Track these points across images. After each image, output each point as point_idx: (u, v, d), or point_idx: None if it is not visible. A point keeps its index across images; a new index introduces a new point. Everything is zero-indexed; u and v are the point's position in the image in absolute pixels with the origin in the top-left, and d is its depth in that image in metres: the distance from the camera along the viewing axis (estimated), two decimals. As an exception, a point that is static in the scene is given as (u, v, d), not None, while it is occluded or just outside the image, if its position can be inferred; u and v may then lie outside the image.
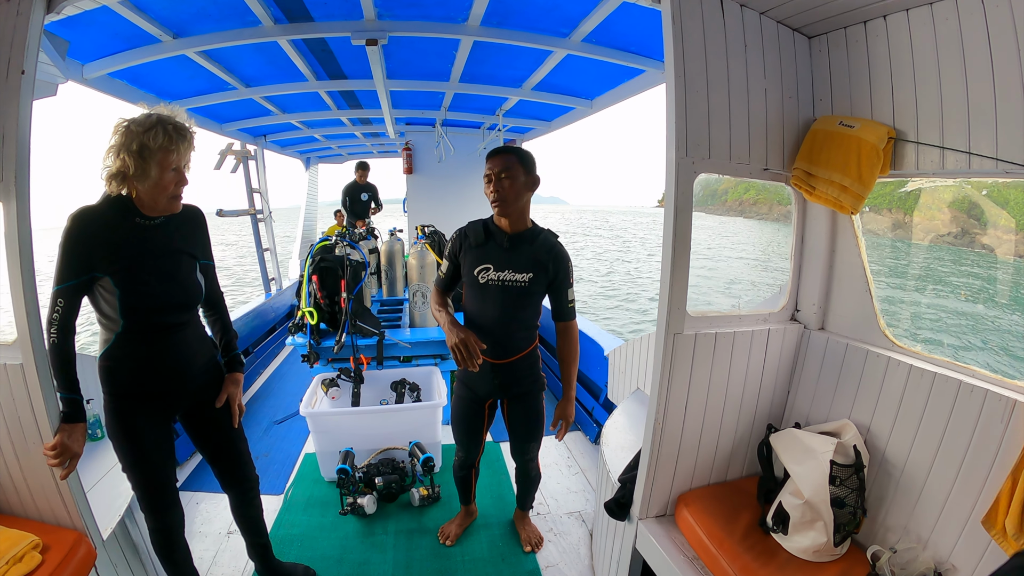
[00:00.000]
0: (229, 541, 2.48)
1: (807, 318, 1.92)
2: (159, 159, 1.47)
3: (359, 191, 6.84)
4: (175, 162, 1.51)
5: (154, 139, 1.45)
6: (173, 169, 1.52)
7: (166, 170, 1.50)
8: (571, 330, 2.07)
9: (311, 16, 2.51)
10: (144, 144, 1.45)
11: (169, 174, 1.51)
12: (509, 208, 1.90)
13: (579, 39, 2.70)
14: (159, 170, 1.48)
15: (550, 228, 2.05)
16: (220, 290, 1.89)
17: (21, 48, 1.45)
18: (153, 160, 1.47)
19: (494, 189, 1.88)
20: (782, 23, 1.70)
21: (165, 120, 1.49)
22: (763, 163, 1.72)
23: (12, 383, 1.54)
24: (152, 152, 1.46)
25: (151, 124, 1.46)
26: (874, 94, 1.61)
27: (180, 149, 1.51)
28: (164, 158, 1.48)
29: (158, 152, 1.46)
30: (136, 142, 1.44)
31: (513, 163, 1.88)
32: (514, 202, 1.89)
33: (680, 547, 1.70)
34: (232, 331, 1.91)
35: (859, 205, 1.60)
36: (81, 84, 2.74)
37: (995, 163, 1.32)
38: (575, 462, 3.25)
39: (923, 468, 1.49)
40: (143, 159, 1.46)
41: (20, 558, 1.46)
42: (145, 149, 1.45)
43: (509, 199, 1.88)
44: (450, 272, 2.06)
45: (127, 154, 1.44)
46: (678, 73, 1.52)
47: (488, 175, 1.90)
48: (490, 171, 1.89)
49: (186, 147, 1.53)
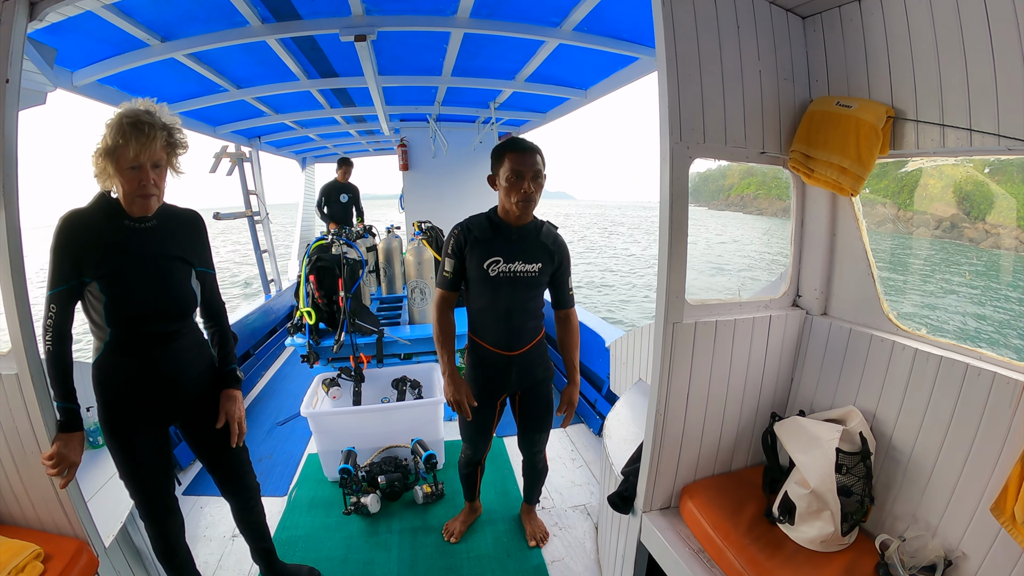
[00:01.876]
0: (234, 545, 2.47)
1: (809, 303, 1.89)
2: (117, 155, 1.42)
3: (338, 191, 6.18)
4: (132, 159, 1.42)
5: (111, 135, 1.41)
6: (132, 167, 1.43)
7: (123, 168, 1.43)
8: (572, 317, 2.15)
9: (298, 14, 2.49)
10: (108, 141, 1.41)
11: (129, 173, 1.43)
12: (534, 207, 1.92)
13: (570, 28, 2.67)
14: (116, 168, 1.43)
15: (549, 220, 2.06)
16: (221, 300, 1.82)
17: (4, 57, 1.42)
18: (112, 157, 1.42)
19: (525, 190, 1.85)
20: (774, 3, 1.66)
21: (124, 114, 1.43)
22: (760, 146, 1.68)
23: (8, 393, 1.53)
24: (111, 149, 1.42)
25: (113, 121, 1.42)
26: (871, 73, 1.57)
27: (135, 144, 1.40)
28: (121, 155, 1.42)
29: (115, 149, 1.41)
30: (103, 140, 1.42)
31: (540, 163, 1.88)
32: (538, 201, 1.92)
33: (685, 540, 1.68)
34: (231, 344, 1.83)
35: (859, 186, 1.57)
36: (71, 92, 2.73)
37: (997, 139, 1.29)
38: (579, 455, 3.24)
39: (931, 454, 1.47)
40: (104, 157, 1.43)
41: (22, 568, 1.45)
42: (109, 146, 1.42)
43: (536, 200, 1.90)
44: (456, 268, 1.99)
45: (98, 154, 1.43)
46: (669, 56, 1.49)
47: (519, 171, 1.84)
48: (522, 168, 1.84)
49: (144, 142, 1.42)
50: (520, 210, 1.89)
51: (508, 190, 1.87)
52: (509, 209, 1.91)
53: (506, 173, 1.85)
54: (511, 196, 1.87)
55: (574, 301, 2.14)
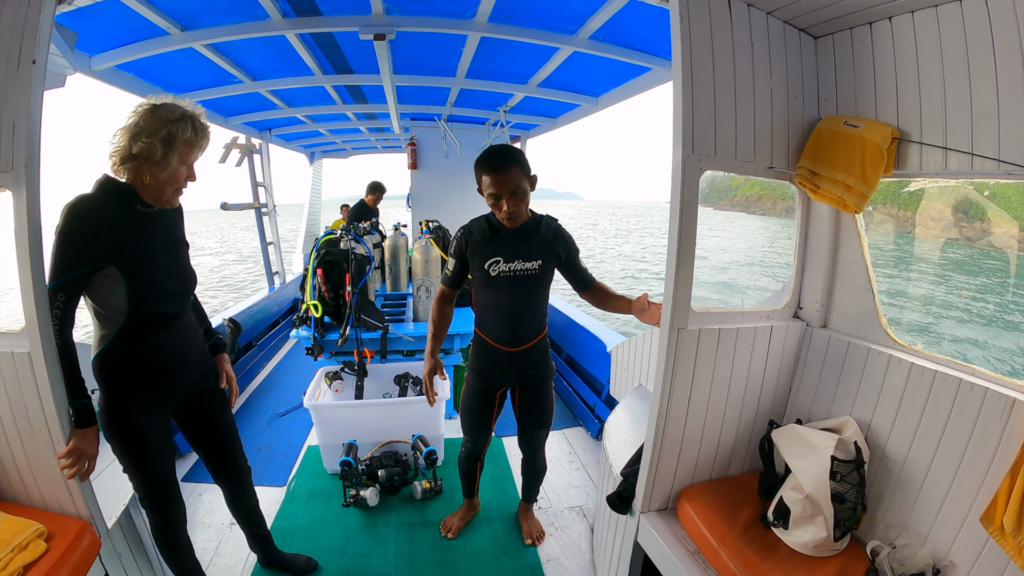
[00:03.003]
0: (232, 532, 2.50)
1: (809, 316, 1.93)
2: (181, 151, 1.50)
3: (368, 216, 6.01)
4: (194, 158, 1.55)
5: (182, 131, 1.48)
6: (185, 164, 1.55)
7: (183, 163, 1.53)
8: (598, 284, 2.14)
9: (319, 10, 2.53)
10: (172, 133, 1.46)
11: (183, 168, 1.55)
12: (523, 218, 1.95)
13: (586, 36, 2.71)
14: (178, 162, 1.51)
15: (548, 213, 2.11)
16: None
17: (33, 38, 1.45)
18: (175, 151, 1.49)
19: (506, 209, 1.88)
20: (788, 23, 1.71)
21: (193, 115, 1.52)
22: (768, 161, 1.73)
23: (19, 371, 1.54)
24: (177, 143, 1.48)
25: (180, 115, 1.49)
26: (878, 94, 1.62)
27: (202, 147, 1.56)
28: (186, 152, 1.51)
29: (182, 144, 1.49)
30: (165, 129, 1.46)
31: (518, 176, 1.86)
32: (525, 211, 1.95)
33: (681, 540, 1.71)
34: (207, 318, 1.95)
35: (863, 204, 1.61)
36: (89, 76, 2.75)
37: (997, 164, 1.33)
38: (576, 457, 3.27)
39: (923, 465, 1.51)
40: (168, 147, 1.47)
41: (25, 546, 1.46)
42: (172, 138, 1.47)
43: (521, 213, 1.93)
44: (458, 269, 2.09)
45: (156, 139, 1.45)
46: (685, 71, 1.53)
47: (495, 194, 1.87)
48: (497, 190, 1.86)
49: (205, 146, 1.58)
50: (509, 224, 1.95)
51: (492, 207, 1.94)
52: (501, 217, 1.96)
53: (486, 190, 1.90)
54: (495, 213, 1.95)
55: (593, 277, 2.14)
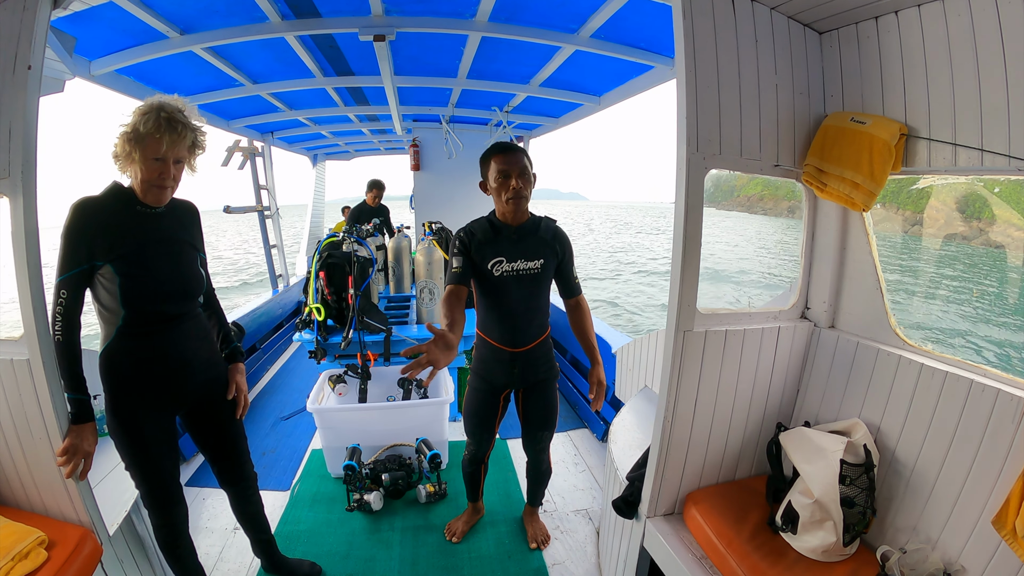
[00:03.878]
0: (235, 537, 2.49)
1: (817, 316, 1.90)
2: (146, 144, 1.47)
3: (369, 215, 5.57)
4: (160, 152, 1.48)
5: (144, 123, 1.45)
6: (157, 159, 1.49)
7: (148, 158, 1.48)
8: (582, 302, 2.21)
9: (319, 12, 2.52)
10: (135, 126, 1.45)
11: (152, 163, 1.49)
12: (526, 203, 1.97)
13: (588, 35, 2.70)
14: (141, 155, 1.47)
15: (546, 215, 2.12)
16: (212, 286, 1.90)
17: (28, 43, 1.44)
18: (139, 144, 1.46)
19: (514, 187, 1.91)
20: (793, 18, 1.68)
21: (162, 107, 1.48)
22: (774, 159, 1.70)
23: (19, 378, 1.54)
24: (140, 136, 1.46)
25: (147, 108, 1.47)
26: (886, 90, 1.59)
27: (167, 139, 1.47)
28: (149, 144, 1.47)
29: (145, 137, 1.46)
30: (131, 124, 1.46)
31: (525, 161, 1.95)
32: (529, 197, 1.97)
33: (688, 546, 1.69)
34: (229, 327, 1.93)
35: (871, 202, 1.59)
36: (88, 81, 2.75)
37: (1008, 160, 1.30)
38: (582, 460, 3.25)
39: (933, 468, 1.48)
40: (132, 142, 1.46)
41: (26, 554, 1.45)
42: (135, 132, 1.46)
43: (527, 195, 1.95)
44: (466, 265, 1.98)
45: (125, 135, 1.46)
46: (689, 69, 1.51)
47: (504, 171, 1.91)
48: (507, 167, 1.91)
49: (175, 139, 1.49)
50: (513, 207, 1.94)
51: (498, 189, 1.94)
52: (504, 210, 1.97)
53: (494, 174, 1.94)
54: (502, 195, 1.94)
55: (581, 289, 2.20)
